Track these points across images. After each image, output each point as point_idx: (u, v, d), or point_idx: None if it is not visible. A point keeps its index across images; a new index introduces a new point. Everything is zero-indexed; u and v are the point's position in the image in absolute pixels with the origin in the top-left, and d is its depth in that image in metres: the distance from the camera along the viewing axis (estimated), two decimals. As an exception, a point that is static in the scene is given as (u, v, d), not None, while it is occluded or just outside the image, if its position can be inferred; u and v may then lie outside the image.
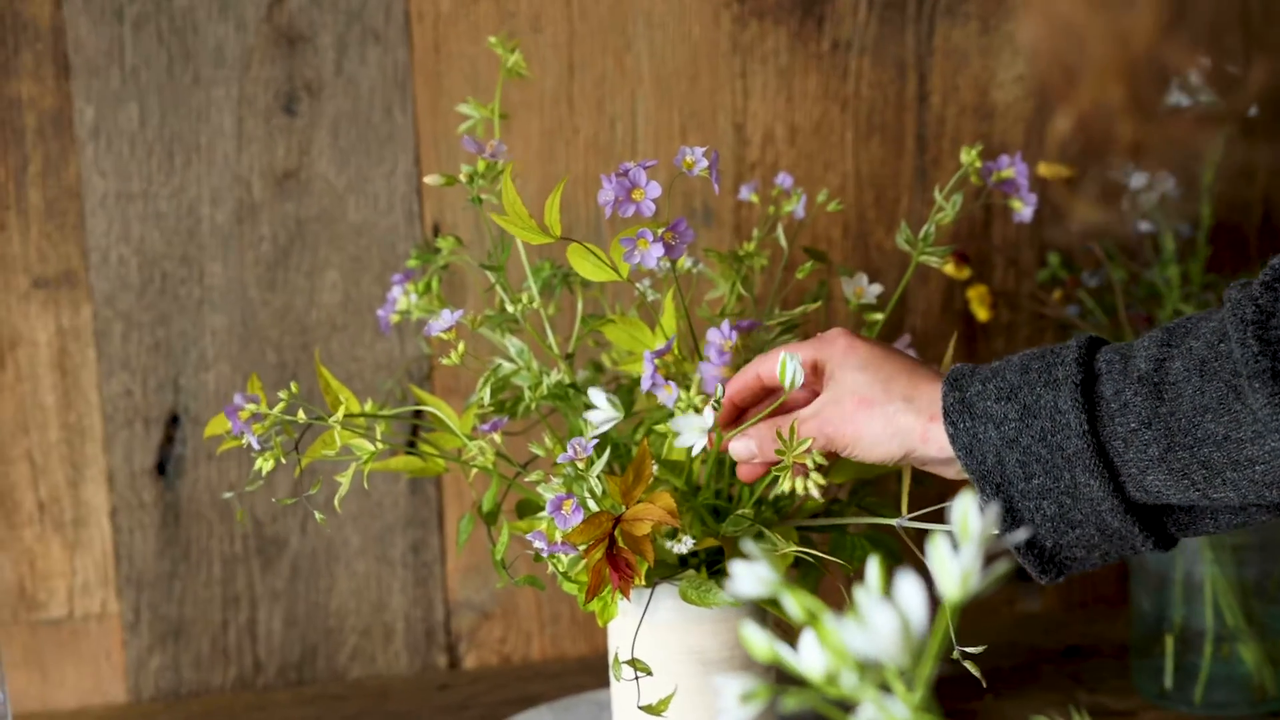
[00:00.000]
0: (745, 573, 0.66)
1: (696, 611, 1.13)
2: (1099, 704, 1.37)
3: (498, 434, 1.09)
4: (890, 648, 0.61)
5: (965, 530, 0.65)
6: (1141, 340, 1.02)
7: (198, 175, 1.39)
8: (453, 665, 1.49)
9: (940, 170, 1.47)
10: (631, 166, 1.07)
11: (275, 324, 1.42)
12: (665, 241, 1.06)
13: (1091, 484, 1.00)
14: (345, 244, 1.41)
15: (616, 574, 1.02)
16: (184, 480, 1.42)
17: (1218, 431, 0.97)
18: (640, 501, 1.05)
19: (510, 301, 1.14)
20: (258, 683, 1.46)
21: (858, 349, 1.06)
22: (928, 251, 1.14)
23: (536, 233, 1.07)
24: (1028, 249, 1.49)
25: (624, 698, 1.18)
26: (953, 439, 1.03)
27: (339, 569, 1.46)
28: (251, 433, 1.07)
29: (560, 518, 1.05)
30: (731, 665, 1.15)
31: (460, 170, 1.41)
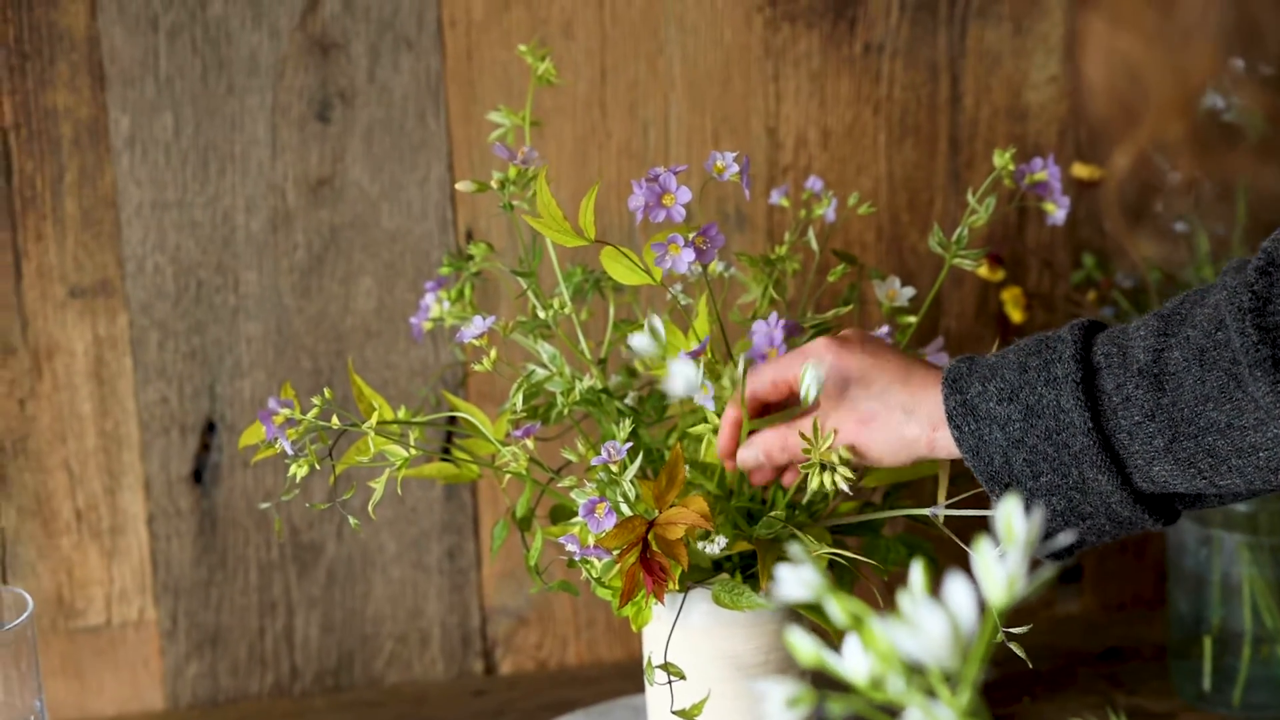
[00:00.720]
0: (789, 577, 0.66)
1: (730, 615, 1.13)
2: (1137, 706, 1.36)
3: (531, 439, 1.09)
4: (940, 651, 0.60)
5: (1010, 535, 0.65)
6: (1137, 329, 1.02)
7: (232, 184, 1.40)
8: (489, 671, 1.50)
9: (973, 172, 1.46)
10: (662, 172, 1.07)
11: (310, 331, 1.42)
12: (696, 246, 1.06)
13: (1100, 479, 1.01)
14: (379, 251, 1.42)
15: (650, 578, 1.02)
16: (220, 488, 1.43)
17: (1220, 419, 0.98)
18: (673, 505, 1.05)
19: (543, 307, 1.14)
20: (294, 689, 1.47)
21: (847, 363, 1.07)
22: (961, 254, 1.14)
23: (571, 235, 1.07)
24: (1062, 250, 1.48)
25: (658, 703, 1.18)
26: (959, 442, 1.04)
27: (375, 575, 1.46)
28: (285, 438, 1.08)
29: (593, 521, 1.05)
30: (766, 670, 1.15)
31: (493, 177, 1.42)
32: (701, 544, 1.07)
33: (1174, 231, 0.99)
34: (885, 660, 0.63)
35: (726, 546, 1.07)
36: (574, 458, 1.12)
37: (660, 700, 1.16)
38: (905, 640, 0.62)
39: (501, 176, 1.13)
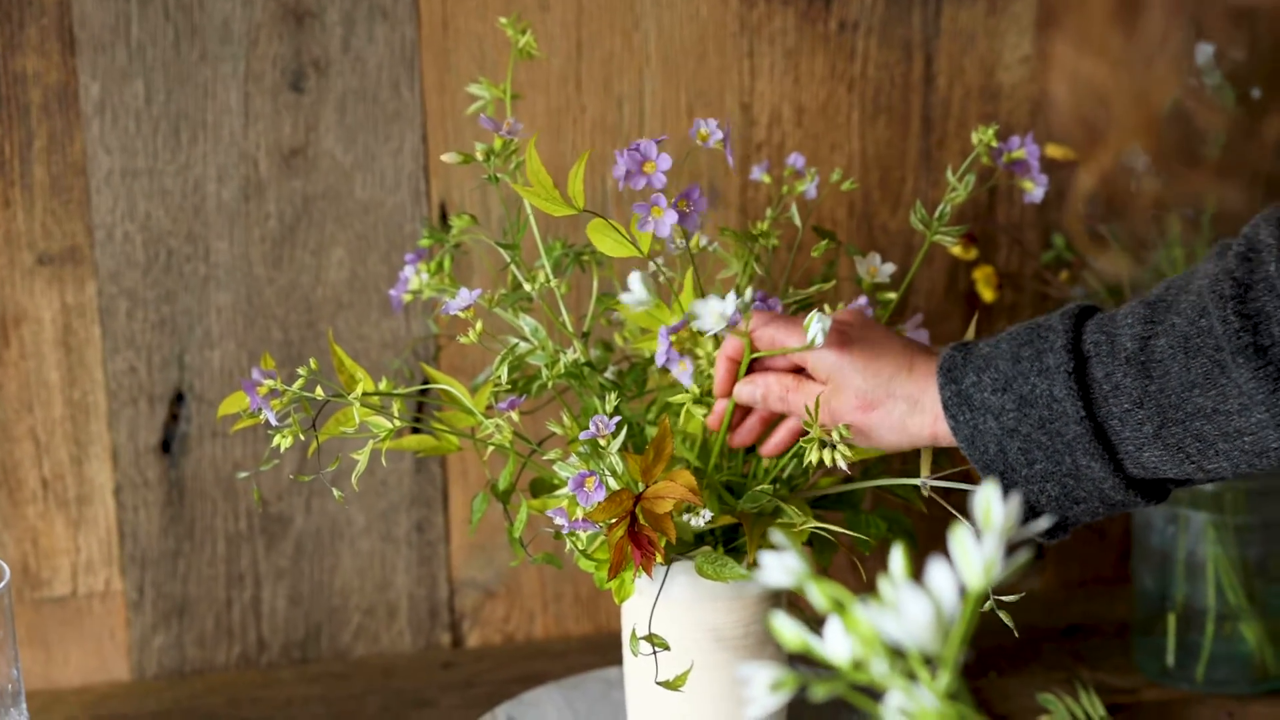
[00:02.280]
0: (772, 562, 0.66)
1: (711, 589, 1.13)
2: (1101, 682, 1.38)
3: (515, 412, 1.09)
4: (922, 634, 0.61)
5: (988, 520, 0.66)
6: (1124, 316, 1.04)
7: (204, 152, 1.39)
8: (456, 644, 1.49)
9: (946, 152, 1.47)
10: (643, 141, 1.07)
11: (281, 302, 1.41)
12: (679, 209, 1.06)
13: (1093, 465, 1.03)
14: (352, 222, 1.41)
15: (639, 551, 1.03)
16: (188, 458, 1.42)
17: (1206, 405, 1.00)
18: (660, 479, 1.05)
19: (527, 280, 1.14)
20: (261, 661, 1.46)
21: (847, 346, 1.08)
22: (942, 231, 1.15)
23: (561, 205, 1.07)
24: (1032, 230, 1.49)
25: (637, 674, 1.18)
26: (954, 431, 1.06)
27: (343, 547, 1.46)
28: (270, 409, 1.07)
29: (583, 495, 1.05)
30: (746, 642, 1.15)
31: (468, 148, 1.41)
32: (687, 516, 1.07)
33: (1140, 248, 1.01)
34: (868, 644, 0.64)
35: (711, 520, 1.07)
36: (560, 431, 1.12)
37: (640, 672, 1.16)
38: (888, 624, 0.62)
39: (486, 148, 1.13)
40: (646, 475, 1.05)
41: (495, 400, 1.12)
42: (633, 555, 1.03)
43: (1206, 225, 1.38)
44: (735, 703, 1.16)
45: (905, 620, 0.61)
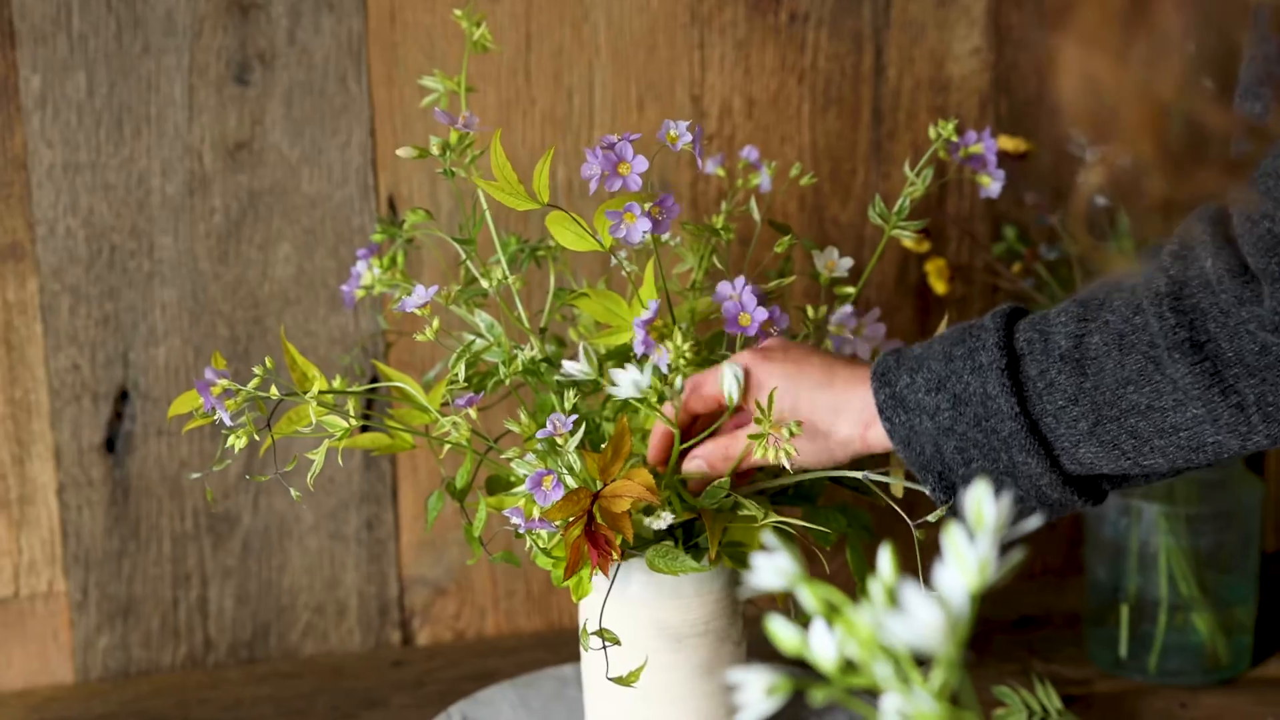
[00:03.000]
0: (764, 565, 0.65)
1: (669, 587, 1.12)
2: (1054, 673, 1.38)
3: (473, 409, 1.08)
4: (932, 636, 0.61)
5: (980, 520, 0.65)
6: (1057, 315, 1.04)
7: (148, 146, 1.36)
8: (406, 642, 1.48)
9: (896, 144, 1.47)
10: (617, 140, 1.06)
11: (227, 298, 1.40)
12: (652, 216, 1.05)
13: (1029, 462, 1.03)
14: (299, 216, 1.39)
15: (595, 550, 1.02)
16: (133, 457, 1.40)
17: (1141, 402, 1.00)
18: (618, 478, 1.04)
19: (484, 276, 1.12)
20: (208, 661, 1.44)
21: (769, 372, 1.08)
22: (901, 225, 1.14)
23: (524, 199, 1.06)
24: (981, 222, 1.49)
25: (594, 671, 1.17)
26: (890, 434, 1.06)
27: (291, 545, 1.44)
28: (224, 409, 1.05)
29: (540, 494, 1.04)
30: (705, 640, 1.14)
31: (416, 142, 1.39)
32: (649, 520, 1.06)
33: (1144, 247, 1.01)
34: (867, 646, 0.63)
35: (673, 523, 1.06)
36: (517, 429, 1.11)
37: (595, 669, 1.15)
38: (895, 627, 0.61)
39: (441, 142, 1.11)
40: (605, 474, 1.04)
41: (451, 397, 1.11)
42: (589, 554, 1.02)
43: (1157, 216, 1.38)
44: (694, 700, 1.16)
45: (913, 622, 0.60)
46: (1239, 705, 1.34)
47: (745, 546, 1.11)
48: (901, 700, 0.61)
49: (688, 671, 1.14)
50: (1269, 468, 1.58)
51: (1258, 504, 1.36)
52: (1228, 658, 1.38)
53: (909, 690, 0.61)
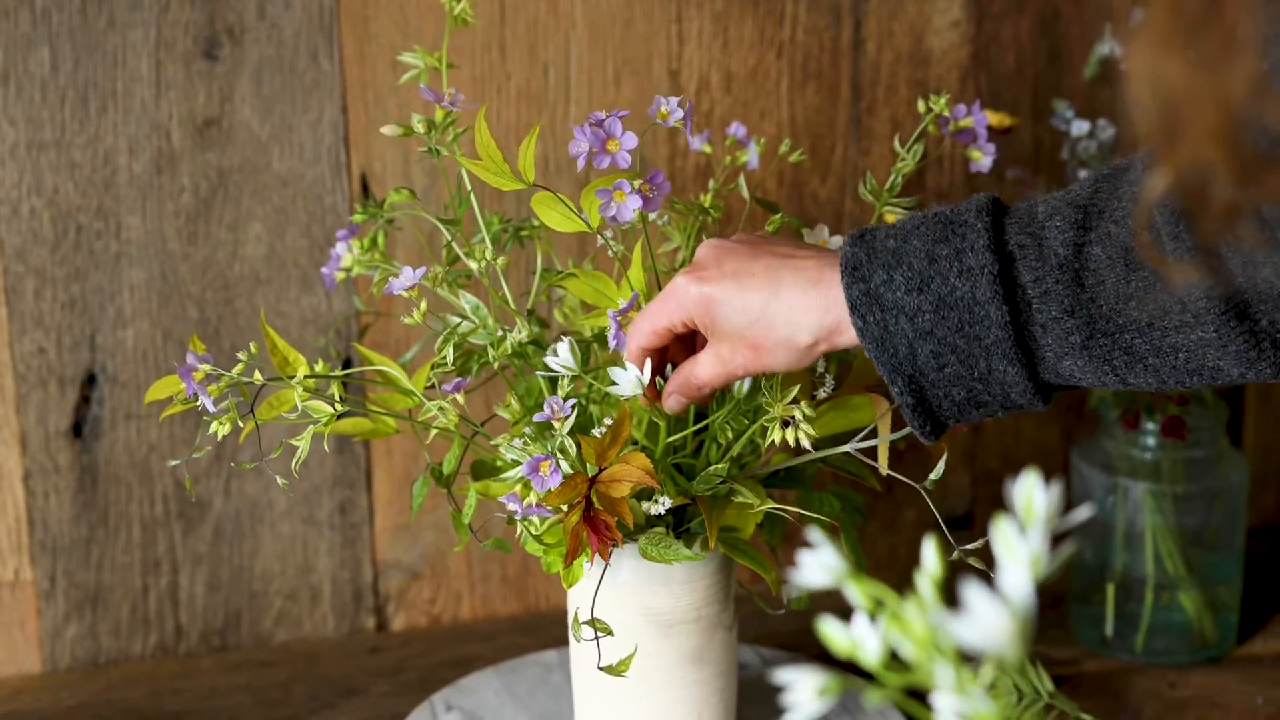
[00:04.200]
0: (809, 562, 0.63)
1: (660, 573, 1.10)
2: (1040, 653, 1.37)
3: (461, 394, 1.05)
4: (998, 636, 0.59)
5: (1030, 512, 0.63)
6: (1050, 217, 0.98)
7: (114, 123, 1.33)
8: (380, 627, 1.46)
9: (875, 119, 1.45)
10: (605, 116, 1.03)
11: (196, 279, 1.36)
12: (642, 194, 1.03)
13: (1008, 371, 0.98)
14: (269, 195, 1.36)
15: (595, 536, 0.99)
16: (101, 442, 1.37)
17: (1141, 319, 0.95)
18: (615, 462, 1.02)
19: (472, 257, 1.10)
20: (180, 649, 1.41)
21: (715, 294, 1.01)
22: (893, 202, 1.12)
23: (510, 179, 1.03)
24: (960, 197, 1.47)
25: (582, 659, 1.15)
26: (861, 332, 0.98)
27: (264, 531, 1.41)
28: (207, 395, 1.03)
29: (537, 479, 1.02)
30: (697, 627, 1.13)
31: (389, 119, 1.37)
32: (647, 505, 1.04)
33: (1211, 257, 0.96)
34: (922, 646, 0.61)
35: (670, 507, 1.04)
36: (507, 414, 1.09)
37: (584, 657, 1.13)
38: (961, 630, 0.59)
39: (424, 120, 1.09)
40: (602, 458, 1.02)
41: (437, 381, 1.08)
42: (589, 540, 0.99)
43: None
44: (684, 687, 1.14)
45: (979, 625, 0.58)
46: (1226, 683, 1.34)
47: (738, 531, 1.09)
48: (959, 701, 0.60)
49: (678, 658, 1.13)
50: (1247, 442, 1.57)
51: (1244, 482, 1.35)
52: (1214, 636, 1.37)
53: (967, 691, 0.60)
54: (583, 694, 1.17)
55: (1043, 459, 1.53)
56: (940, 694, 0.61)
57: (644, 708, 1.14)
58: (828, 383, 1.06)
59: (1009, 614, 0.59)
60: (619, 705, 1.14)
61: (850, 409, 1.10)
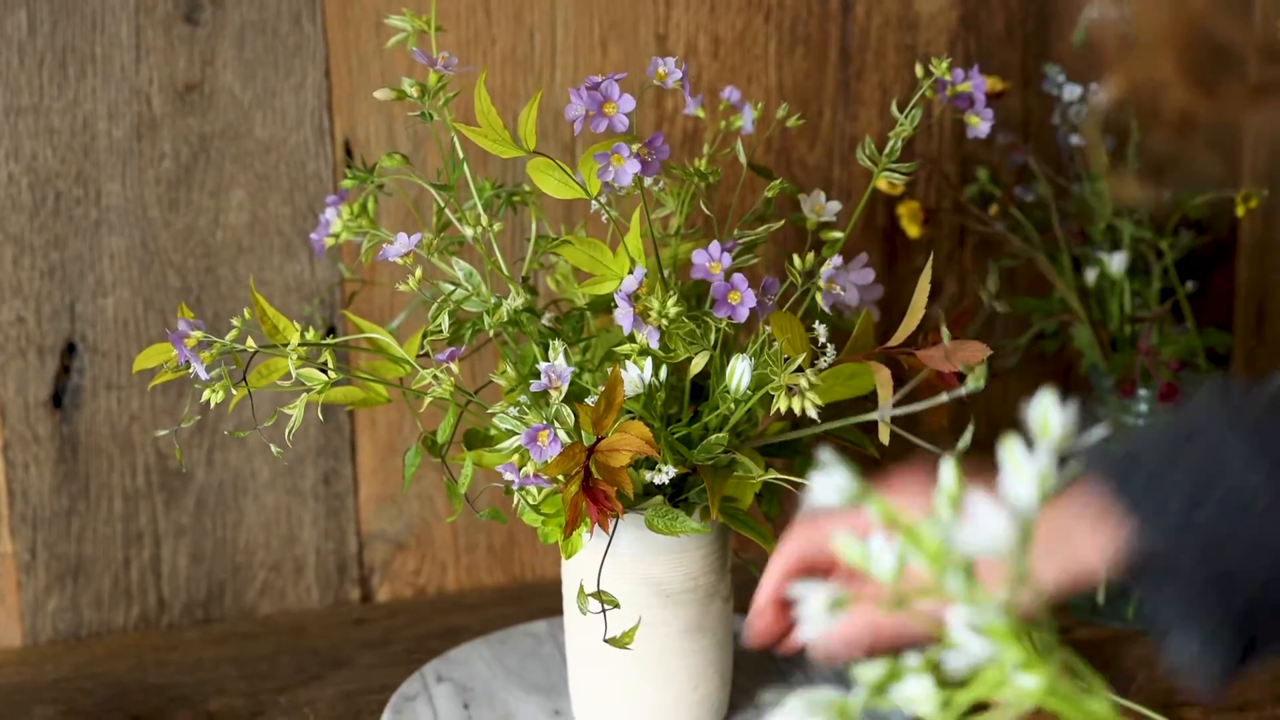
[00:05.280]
0: (822, 482, 0.62)
1: (658, 542, 1.09)
2: (1030, 622, 1.36)
3: (455, 363, 1.04)
4: (1001, 542, 0.58)
5: (1044, 428, 0.62)
6: None
7: (93, 88, 1.30)
8: (365, 599, 1.44)
9: (864, 84, 1.43)
10: (602, 80, 1.02)
11: (178, 246, 1.34)
12: (641, 158, 1.01)
13: None
14: (252, 161, 1.34)
15: (595, 507, 0.98)
16: (82, 412, 1.35)
17: None
18: (613, 431, 1.00)
19: (468, 224, 1.08)
20: (162, 622, 1.40)
21: None
22: (892, 168, 1.11)
23: (509, 146, 1.01)
24: (950, 163, 1.46)
25: (579, 630, 1.14)
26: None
27: (247, 502, 1.40)
28: (200, 361, 1.01)
29: (536, 449, 1.00)
30: (694, 596, 1.12)
31: (374, 83, 1.35)
32: (650, 475, 1.02)
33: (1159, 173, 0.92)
34: (934, 559, 0.60)
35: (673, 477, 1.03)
36: (504, 382, 1.07)
37: (583, 627, 1.12)
38: (965, 537, 0.59)
39: (416, 84, 1.07)
40: (598, 426, 1.00)
41: (431, 350, 1.06)
42: (588, 511, 0.98)
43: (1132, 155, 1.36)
44: (681, 657, 1.13)
45: (981, 530, 0.58)
46: (1217, 650, 1.33)
47: (737, 502, 1.07)
48: (970, 613, 0.59)
49: (676, 628, 1.12)
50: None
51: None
52: (1204, 603, 1.36)
53: (978, 603, 0.59)
54: (577, 664, 1.16)
55: (1030, 426, 1.53)
56: (953, 607, 0.60)
57: (641, 678, 1.13)
58: (829, 352, 1.05)
59: (1011, 520, 0.58)
60: (616, 676, 1.13)
61: (848, 377, 1.09)
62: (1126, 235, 1.33)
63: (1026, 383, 1.51)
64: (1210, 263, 1.52)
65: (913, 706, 0.60)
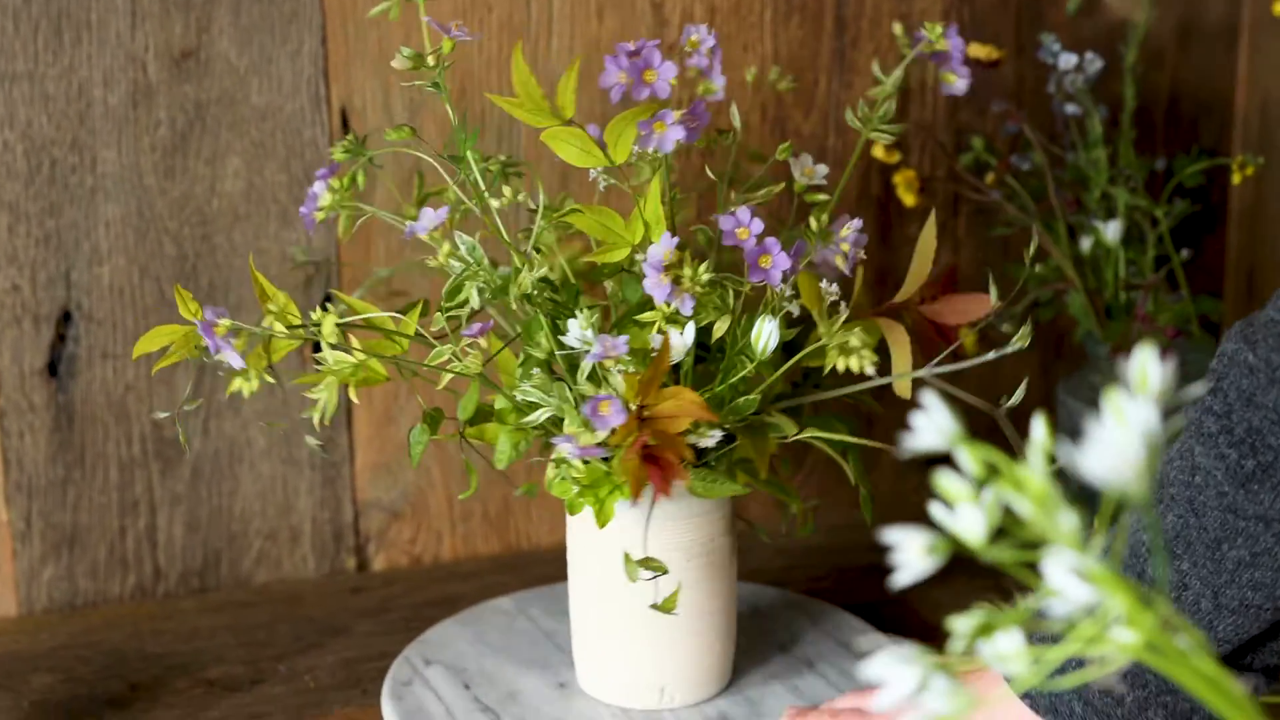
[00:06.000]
0: (923, 424, 0.61)
1: (681, 507, 1.10)
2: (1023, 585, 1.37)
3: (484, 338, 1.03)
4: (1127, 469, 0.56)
5: (1144, 382, 0.61)
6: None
7: (88, 54, 1.30)
8: (361, 568, 1.44)
9: (859, 53, 1.44)
10: (645, 44, 1.02)
11: (174, 214, 1.34)
12: (686, 125, 1.01)
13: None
14: (248, 129, 1.34)
15: (660, 472, 0.98)
16: (77, 381, 1.34)
17: (1243, 555, 0.93)
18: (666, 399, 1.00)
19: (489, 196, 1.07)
20: (158, 591, 1.39)
21: None
22: (880, 128, 1.11)
23: (547, 116, 1.01)
24: (945, 132, 1.47)
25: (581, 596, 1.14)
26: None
27: (243, 471, 1.39)
28: (232, 349, 1.00)
29: (600, 420, 0.99)
30: (713, 559, 1.12)
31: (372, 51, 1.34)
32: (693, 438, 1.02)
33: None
34: (1039, 502, 0.58)
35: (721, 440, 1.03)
36: (539, 353, 1.07)
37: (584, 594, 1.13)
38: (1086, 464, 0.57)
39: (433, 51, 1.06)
40: (645, 392, 1.00)
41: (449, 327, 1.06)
42: (650, 477, 0.98)
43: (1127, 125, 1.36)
44: (692, 619, 1.13)
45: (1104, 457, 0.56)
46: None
47: (753, 463, 1.08)
48: (1074, 558, 0.57)
49: (694, 591, 1.12)
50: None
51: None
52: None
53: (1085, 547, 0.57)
54: (583, 632, 1.16)
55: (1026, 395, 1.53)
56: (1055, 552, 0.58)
57: (652, 642, 1.13)
58: (842, 310, 1.05)
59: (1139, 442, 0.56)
60: (623, 642, 1.14)
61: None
62: (1121, 203, 1.34)
63: (1021, 351, 1.51)
64: (1202, 231, 1.53)
65: (1003, 664, 0.59)
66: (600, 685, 1.17)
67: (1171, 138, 1.53)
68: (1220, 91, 1.53)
